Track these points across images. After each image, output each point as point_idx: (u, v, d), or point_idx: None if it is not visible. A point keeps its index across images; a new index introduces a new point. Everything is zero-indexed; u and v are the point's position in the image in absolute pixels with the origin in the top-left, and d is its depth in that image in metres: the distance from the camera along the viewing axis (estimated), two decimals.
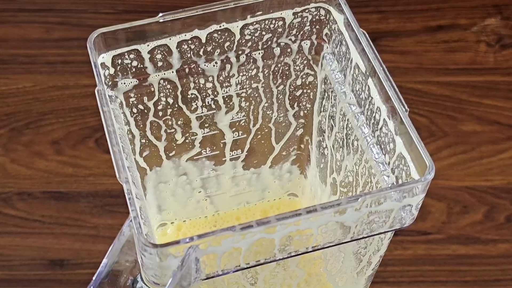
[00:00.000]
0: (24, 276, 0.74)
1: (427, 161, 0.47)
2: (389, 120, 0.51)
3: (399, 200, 0.48)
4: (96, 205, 0.78)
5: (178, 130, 0.62)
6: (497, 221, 0.77)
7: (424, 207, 0.78)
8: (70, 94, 0.87)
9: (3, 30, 0.92)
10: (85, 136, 0.83)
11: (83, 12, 0.94)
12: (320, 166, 0.65)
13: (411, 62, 0.90)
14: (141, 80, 0.57)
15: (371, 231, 0.49)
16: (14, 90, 0.87)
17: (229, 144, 0.65)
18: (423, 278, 0.74)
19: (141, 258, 0.46)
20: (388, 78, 0.51)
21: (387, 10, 0.95)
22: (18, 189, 0.79)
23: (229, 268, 0.48)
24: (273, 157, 0.67)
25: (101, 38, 0.54)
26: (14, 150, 0.82)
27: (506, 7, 0.95)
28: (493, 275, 0.74)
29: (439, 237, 0.76)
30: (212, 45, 0.58)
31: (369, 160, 0.54)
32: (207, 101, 0.61)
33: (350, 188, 0.59)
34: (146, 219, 0.48)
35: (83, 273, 0.74)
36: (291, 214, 0.46)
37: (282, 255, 0.48)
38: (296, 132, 0.66)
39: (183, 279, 0.46)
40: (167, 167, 0.64)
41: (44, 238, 0.76)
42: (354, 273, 0.60)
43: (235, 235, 0.45)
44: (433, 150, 0.82)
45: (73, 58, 0.90)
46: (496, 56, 0.90)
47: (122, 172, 0.47)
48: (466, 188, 0.80)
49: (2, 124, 0.84)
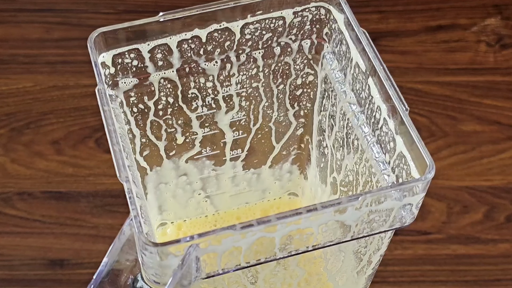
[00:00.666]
0: (24, 276, 0.74)
1: (428, 160, 0.47)
2: (390, 119, 0.51)
3: (400, 199, 0.48)
4: (96, 205, 0.78)
5: (178, 129, 0.62)
6: (497, 221, 0.77)
7: (424, 207, 0.78)
8: (70, 94, 0.87)
9: (3, 30, 0.92)
10: (85, 136, 0.83)
11: (83, 12, 0.94)
12: (320, 165, 0.65)
13: (411, 62, 0.90)
14: (141, 79, 0.57)
15: (372, 230, 0.49)
16: (14, 90, 0.87)
17: (229, 143, 0.65)
18: (423, 278, 0.74)
19: (141, 257, 0.46)
20: (388, 77, 0.51)
21: (387, 10, 0.95)
22: (18, 189, 0.79)
23: (230, 267, 0.48)
24: (273, 157, 0.67)
25: (102, 38, 0.54)
26: (14, 150, 0.82)
27: (506, 7, 0.95)
28: (493, 275, 0.74)
29: (439, 237, 0.76)
30: (212, 45, 0.58)
31: (370, 159, 0.54)
32: (207, 101, 0.61)
33: (350, 187, 0.59)
34: (146, 218, 0.48)
35: (83, 273, 0.74)
36: (291, 213, 0.46)
37: (282, 254, 0.48)
38: (296, 131, 0.66)
39: (183, 278, 0.46)
40: (167, 167, 0.64)
41: (44, 238, 0.76)
42: (354, 273, 0.60)
43: (236, 234, 0.45)
44: (433, 150, 0.82)
45: (73, 58, 0.90)
46: (496, 56, 0.90)
47: (123, 171, 0.48)
48: (466, 188, 0.80)
49: (2, 124, 0.84)
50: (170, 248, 0.45)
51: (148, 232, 0.46)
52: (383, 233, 0.51)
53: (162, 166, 0.64)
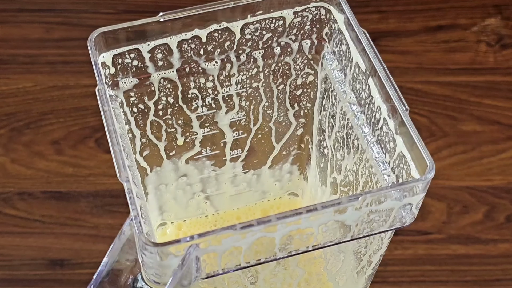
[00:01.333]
0: (25, 276, 0.74)
1: (428, 160, 0.47)
2: (390, 119, 0.51)
3: (400, 199, 0.48)
4: (96, 205, 0.78)
5: (178, 129, 0.62)
6: (497, 221, 0.77)
7: (424, 207, 0.78)
8: (70, 94, 0.87)
9: (3, 30, 0.92)
10: (86, 136, 0.83)
11: (83, 12, 0.94)
12: (321, 165, 0.65)
13: (411, 62, 0.90)
14: (141, 79, 0.57)
15: (372, 230, 0.49)
16: (15, 90, 0.87)
17: (229, 143, 0.65)
18: (424, 278, 0.74)
19: (141, 257, 0.46)
20: (388, 77, 0.51)
21: (387, 10, 0.95)
22: (18, 189, 0.79)
23: (230, 267, 0.48)
24: (273, 157, 0.67)
25: (102, 38, 0.54)
26: (15, 150, 0.82)
27: (506, 7, 0.95)
28: (493, 274, 0.74)
29: (439, 237, 0.76)
30: (213, 45, 0.58)
31: (370, 159, 0.54)
32: (207, 101, 0.61)
33: (350, 188, 0.59)
34: (146, 218, 0.48)
35: (83, 273, 0.74)
36: (291, 213, 0.46)
37: (282, 254, 0.48)
38: (297, 131, 0.66)
39: (183, 278, 0.46)
40: (167, 167, 0.64)
41: (45, 238, 0.76)
42: (354, 273, 0.60)
43: (236, 234, 0.45)
44: (433, 150, 0.82)
45: (73, 58, 0.90)
46: (496, 56, 0.90)
47: (123, 171, 0.47)
48: (466, 188, 0.80)
49: (2, 124, 0.84)
50: (170, 248, 0.45)
51: (148, 232, 0.46)
52: (383, 233, 0.51)
53: (162, 167, 0.64)
